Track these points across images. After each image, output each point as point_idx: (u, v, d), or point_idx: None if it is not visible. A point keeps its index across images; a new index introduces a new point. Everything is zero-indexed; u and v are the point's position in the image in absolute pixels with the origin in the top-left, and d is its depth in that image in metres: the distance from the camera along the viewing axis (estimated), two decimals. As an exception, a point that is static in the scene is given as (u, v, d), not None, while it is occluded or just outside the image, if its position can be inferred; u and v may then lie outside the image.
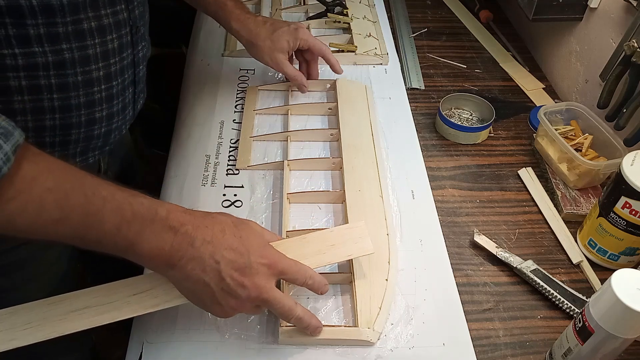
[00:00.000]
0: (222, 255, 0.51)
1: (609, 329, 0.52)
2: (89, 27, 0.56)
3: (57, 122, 0.59)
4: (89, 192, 0.47)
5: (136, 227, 0.48)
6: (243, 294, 0.52)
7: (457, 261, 0.72)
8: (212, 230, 0.52)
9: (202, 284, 0.51)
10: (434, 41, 1.16)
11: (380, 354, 0.59)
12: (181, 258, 0.50)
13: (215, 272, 0.51)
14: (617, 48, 0.86)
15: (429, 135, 0.93)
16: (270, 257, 0.54)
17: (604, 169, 0.79)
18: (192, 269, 0.51)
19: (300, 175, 0.79)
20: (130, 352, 0.59)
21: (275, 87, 0.94)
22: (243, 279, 0.52)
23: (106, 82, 0.61)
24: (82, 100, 0.59)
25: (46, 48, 0.53)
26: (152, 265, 0.51)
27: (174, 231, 0.50)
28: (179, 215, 0.51)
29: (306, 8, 1.14)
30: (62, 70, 0.56)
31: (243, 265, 0.52)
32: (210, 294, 0.52)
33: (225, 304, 0.53)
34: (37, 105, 0.56)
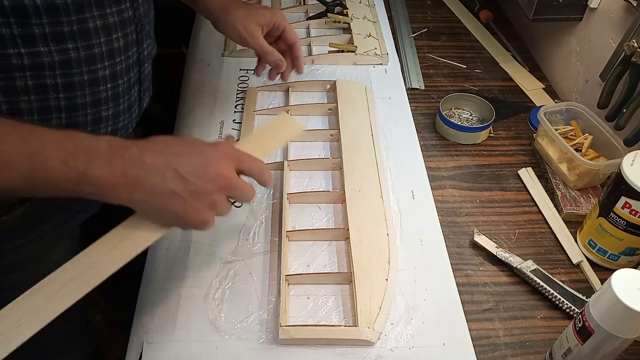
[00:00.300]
0: (177, 161, 0.51)
1: (609, 329, 0.52)
2: (95, 26, 0.56)
3: (64, 121, 0.59)
4: (25, 134, 0.47)
5: (82, 157, 0.48)
6: (213, 187, 0.52)
7: (457, 261, 0.72)
8: (157, 145, 0.52)
9: (170, 194, 0.50)
10: (434, 41, 1.16)
11: (380, 354, 0.59)
12: (138, 177, 0.50)
13: (178, 177, 0.50)
14: (617, 48, 0.87)
15: (429, 135, 0.93)
16: (224, 149, 0.54)
17: (604, 169, 0.79)
18: (154, 184, 0.50)
19: (300, 176, 0.79)
20: (130, 352, 0.59)
21: (275, 87, 0.94)
22: (207, 174, 0.52)
23: (112, 80, 0.61)
24: (89, 100, 0.60)
25: (52, 47, 0.53)
26: (112, 193, 0.50)
27: (121, 155, 0.49)
28: (121, 142, 0.51)
29: (306, 8, 1.14)
30: (68, 69, 0.56)
31: (202, 163, 0.52)
32: (181, 201, 0.51)
33: (200, 205, 0.52)
34: (43, 104, 0.57)
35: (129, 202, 0.51)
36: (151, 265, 0.67)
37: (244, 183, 0.55)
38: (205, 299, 0.63)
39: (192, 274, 0.65)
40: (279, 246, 0.68)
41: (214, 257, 0.67)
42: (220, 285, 0.64)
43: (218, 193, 0.52)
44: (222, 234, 0.70)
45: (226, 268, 0.66)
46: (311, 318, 0.62)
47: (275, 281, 0.65)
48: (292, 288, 0.65)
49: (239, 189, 0.54)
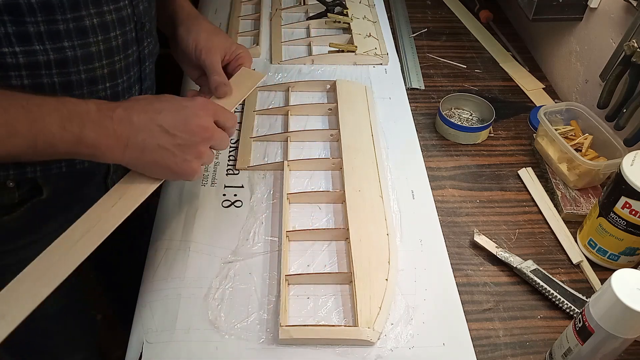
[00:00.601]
0: (161, 118, 0.54)
1: (609, 329, 0.52)
2: (91, 24, 0.55)
3: None
4: (24, 102, 0.49)
5: (76, 121, 0.50)
6: (197, 138, 0.56)
7: (457, 261, 0.72)
8: (140, 105, 0.55)
9: (159, 149, 0.54)
10: (434, 41, 1.16)
11: (380, 354, 0.59)
12: (129, 135, 0.53)
13: (164, 133, 0.54)
14: (617, 48, 0.87)
15: (429, 135, 0.93)
16: (201, 102, 0.58)
17: (604, 169, 0.79)
18: (144, 140, 0.54)
19: (300, 176, 0.79)
20: (130, 352, 0.59)
21: (275, 87, 0.94)
22: (190, 126, 0.55)
23: (111, 79, 0.61)
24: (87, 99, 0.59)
25: (47, 46, 0.53)
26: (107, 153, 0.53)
27: (109, 117, 0.52)
28: (108, 105, 0.53)
29: (306, 8, 1.14)
30: (65, 68, 0.56)
31: (183, 117, 0.55)
32: (170, 155, 0.55)
33: (188, 157, 0.56)
34: None
35: (122, 160, 0.54)
36: (151, 265, 0.67)
37: (221, 132, 0.59)
38: (205, 299, 0.63)
39: (192, 274, 0.65)
40: (279, 246, 0.68)
41: (214, 257, 0.67)
42: (220, 285, 0.64)
43: (202, 144, 0.57)
44: (222, 234, 0.70)
45: (226, 268, 0.66)
46: (311, 318, 0.62)
47: (275, 281, 0.65)
48: (292, 288, 0.65)
49: (218, 139, 0.58)
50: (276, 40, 1.05)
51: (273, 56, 1.01)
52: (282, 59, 1.00)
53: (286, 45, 1.04)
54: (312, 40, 1.04)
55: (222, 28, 1.07)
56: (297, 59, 1.00)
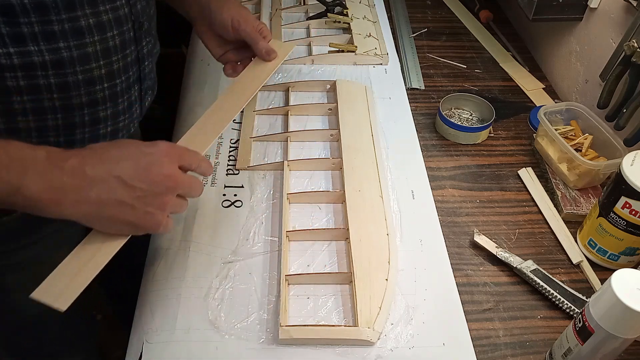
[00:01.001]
0: (118, 168, 0.49)
1: (609, 329, 0.52)
2: (87, 24, 0.55)
3: (60, 122, 0.58)
4: None
5: (16, 169, 0.46)
6: (160, 188, 0.51)
7: (457, 261, 0.72)
8: (96, 154, 0.50)
9: (117, 204, 0.49)
10: (434, 41, 1.16)
11: (380, 354, 0.59)
12: (81, 189, 0.48)
13: (122, 185, 0.49)
14: (617, 48, 0.87)
15: (429, 135, 0.93)
16: (163, 147, 0.53)
17: (604, 169, 0.79)
18: (99, 194, 0.48)
19: (300, 176, 0.79)
20: (130, 352, 0.59)
21: (275, 87, 0.94)
22: (151, 176, 0.50)
23: (109, 80, 0.60)
24: (85, 100, 0.58)
25: (42, 47, 0.52)
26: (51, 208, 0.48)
27: (60, 168, 0.47)
28: (60, 153, 0.49)
29: (306, 8, 1.14)
30: (61, 69, 0.55)
31: (144, 166, 0.50)
32: (130, 209, 0.50)
33: (151, 209, 0.51)
34: (37, 105, 0.56)
35: (73, 216, 0.49)
36: (151, 265, 0.67)
37: (190, 178, 0.55)
38: (205, 299, 0.63)
39: (192, 274, 0.65)
40: (279, 246, 0.68)
41: (214, 257, 0.67)
42: (220, 285, 0.64)
43: (166, 194, 0.51)
44: (222, 234, 0.70)
45: (226, 268, 0.66)
46: (311, 318, 0.62)
47: (275, 281, 0.65)
48: (292, 288, 0.65)
49: (186, 186, 0.54)
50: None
51: (273, 56, 1.01)
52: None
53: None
54: (312, 40, 1.04)
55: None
56: (297, 59, 1.00)
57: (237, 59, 0.77)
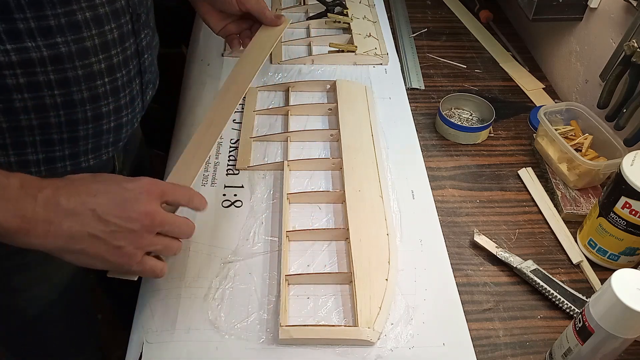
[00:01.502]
0: (94, 201, 0.48)
1: (609, 329, 0.52)
2: (84, 18, 0.54)
3: (62, 118, 0.58)
4: None
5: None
6: (136, 226, 0.49)
7: (457, 261, 0.72)
8: (73, 186, 0.48)
9: (89, 238, 0.47)
10: (434, 41, 1.16)
11: (380, 354, 0.59)
12: (51, 222, 0.46)
13: (96, 219, 0.47)
14: (617, 48, 0.87)
15: (429, 135, 0.93)
16: (144, 183, 0.51)
17: (604, 169, 0.79)
18: (70, 227, 0.47)
19: (300, 176, 0.79)
20: (130, 352, 0.59)
21: (275, 87, 0.94)
22: (128, 213, 0.49)
23: (109, 74, 0.59)
24: (86, 95, 0.58)
25: (39, 42, 0.51)
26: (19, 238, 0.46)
27: (33, 197, 0.46)
28: (34, 182, 0.47)
29: (306, 8, 1.14)
30: (60, 64, 0.54)
31: (121, 201, 0.49)
32: (103, 244, 0.48)
33: (124, 244, 0.49)
34: (38, 102, 0.55)
35: (42, 247, 0.47)
36: (151, 265, 0.67)
37: (175, 217, 0.53)
38: (205, 299, 0.63)
39: (192, 274, 0.65)
40: (279, 246, 0.68)
41: (214, 257, 0.67)
42: (220, 285, 0.64)
43: (145, 232, 0.50)
44: (222, 234, 0.70)
45: (226, 268, 0.66)
46: (311, 318, 0.62)
47: (275, 281, 0.65)
48: (292, 288, 0.65)
49: (168, 224, 0.52)
50: (276, 40, 1.05)
51: (273, 56, 1.01)
52: (282, 59, 1.00)
53: (286, 45, 1.04)
54: (312, 40, 1.04)
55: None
56: (297, 59, 1.00)
57: (237, 30, 0.83)
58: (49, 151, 0.60)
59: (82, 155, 0.63)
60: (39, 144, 0.59)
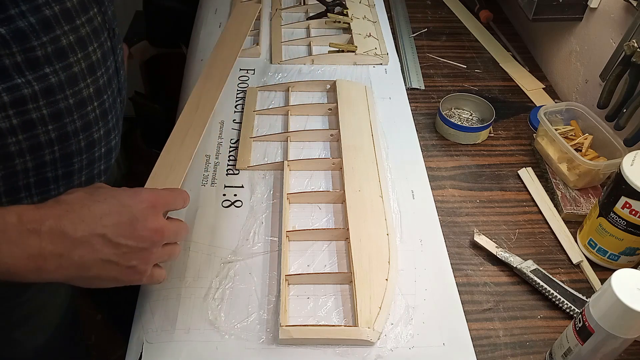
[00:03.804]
0: (102, 226, 0.46)
1: (609, 329, 0.52)
2: (69, 43, 0.52)
3: (57, 154, 0.56)
4: None
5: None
6: (146, 244, 0.49)
7: (457, 261, 0.72)
8: (74, 210, 0.46)
9: (102, 263, 0.47)
10: (434, 41, 1.16)
11: (380, 354, 0.59)
12: (61, 254, 0.44)
13: (107, 244, 0.46)
14: (617, 48, 0.87)
15: (429, 135, 0.93)
16: (147, 197, 0.50)
17: (604, 169, 0.79)
18: (82, 257, 0.45)
19: (300, 176, 0.79)
20: (130, 352, 0.59)
21: (275, 87, 0.94)
22: (138, 232, 0.48)
23: (97, 97, 0.58)
24: (79, 124, 0.56)
25: (29, 77, 0.49)
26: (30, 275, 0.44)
27: (36, 233, 0.43)
28: (33, 214, 0.44)
29: (306, 8, 1.14)
30: (52, 96, 0.52)
31: (129, 220, 0.48)
32: (116, 267, 0.48)
33: (137, 263, 0.49)
34: (33, 142, 0.53)
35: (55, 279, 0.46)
36: (151, 265, 0.67)
37: (175, 225, 0.53)
38: (205, 299, 0.63)
39: (192, 274, 0.65)
40: (279, 246, 0.68)
41: (214, 257, 0.67)
42: (220, 285, 0.64)
43: (152, 247, 0.50)
44: (222, 234, 0.70)
45: (226, 268, 0.66)
46: (311, 318, 0.62)
47: (275, 281, 0.65)
48: (292, 288, 0.65)
49: (173, 235, 0.52)
50: (276, 40, 1.05)
51: (273, 56, 1.01)
52: (282, 59, 1.00)
53: (286, 45, 1.04)
54: (312, 40, 1.04)
55: (222, 28, 1.07)
56: (297, 59, 1.00)
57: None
58: (43, 192, 0.58)
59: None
60: (33, 186, 0.57)
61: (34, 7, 0.48)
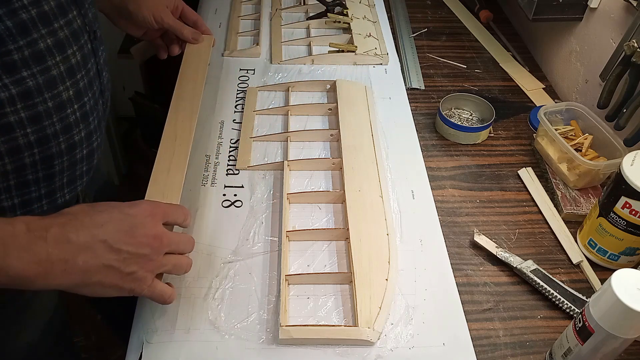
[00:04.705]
0: (103, 232, 0.49)
1: (609, 329, 0.52)
2: (46, 46, 0.51)
3: (37, 157, 0.55)
4: None
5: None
6: (146, 250, 0.51)
7: (457, 261, 0.72)
8: (78, 219, 0.49)
9: (104, 269, 0.49)
10: (434, 41, 1.16)
11: (380, 354, 0.59)
12: (66, 260, 0.47)
13: (109, 250, 0.49)
14: (617, 48, 0.87)
15: (429, 135, 0.93)
16: (146, 207, 0.53)
17: (604, 169, 0.79)
18: (86, 262, 0.47)
19: (300, 176, 0.79)
20: (130, 352, 0.59)
21: (275, 87, 0.94)
22: (137, 238, 0.50)
23: (77, 100, 0.57)
24: (58, 127, 0.56)
25: (5, 80, 0.49)
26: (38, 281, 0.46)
27: (43, 239, 0.46)
28: (39, 223, 0.47)
29: (306, 8, 1.14)
30: (30, 100, 0.51)
31: (128, 228, 0.50)
32: (117, 273, 0.49)
33: (136, 269, 0.50)
34: (12, 145, 0.52)
35: (61, 286, 0.48)
36: (151, 265, 0.67)
37: (178, 235, 0.55)
38: (205, 299, 0.63)
39: (192, 274, 0.65)
40: (279, 246, 0.68)
41: (214, 257, 0.67)
42: (220, 285, 0.64)
43: (154, 255, 0.52)
44: (222, 234, 0.70)
45: (226, 268, 0.66)
46: (311, 318, 0.62)
47: (275, 281, 0.65)
48: (292, 288, 0.65)
49: (174, 243, 0.54)
50: (276, 40, 1.05)
51: (273, 56, 1.01)
52: (282, 59, 1.00)
53: (286, 45, 1.04)
54: (312, 40, 1.04)
55: (222, 28, 1.07)
56: (297, 59, 1.00)
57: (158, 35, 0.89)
58: (24, 194, 0.57)
59: (58, 192, 0.61)
60: (13, 189, 0.56)
61: (10, 10, 0.48)
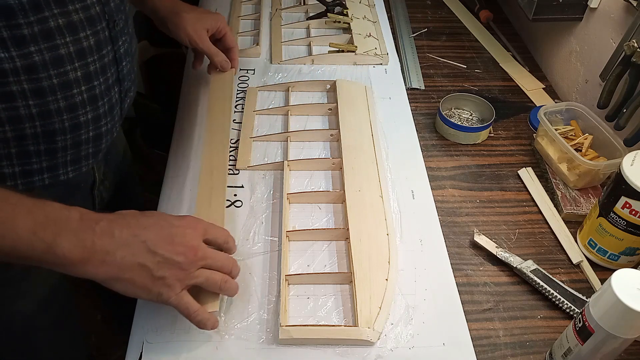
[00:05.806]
0: (145, 234, 0.52)
1: (609, 329, 0.52)
2: (57, 25, 0.52)
3: (39, 129, 0.56)
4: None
5: (52, 229, 0.47)
6: (180, 259, 0.52)
7: (457, 261, 0.72)
8: (125, 219, 0.52)
9: (138, 267, 0.51)
10: (434, 41, 1.16)
11: (380, 354, 0.59)
12: (107, 251, 0.50)
13: (146, 250, 0.51)
14: (617, 48, 0.87)
15: (429, 135, 0.93)
16: (189, 221, 0.56)
17: (604, 169, 0.79)
18: (123, 257, 0.50)
19: (300, 176, 0.79)
20: (130, 352, 0.59)
21: (275, 87, 0.94)
22: (175, 246, 0.53)
23: (86, 82, 0.58)
24: (62, 105, 0.56)
25: (13, 53, 0.50)
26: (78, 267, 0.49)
27: (91, 229, 0.49)
28: (92, 215, 0.51)
29: (306, 8, 1.14)
30: (34, 74, 0.53)
31: (169, 235, 0.53)
32: (149, 274, 0.51)
33: (167, 275, 0.52)
34: (12, 113, 0.54)
35: (96, 276, 0.50)
36: (151, 265, 0.67)
37: (216, 252, 0.57)
38: (205, 299, 0.63)
39: (192, 274, 0.65)
40: (279, 246, 0.68)
41: (214, 257, 0.67)
42: (220, 285, 0.64)
43: (187, 265, 0.53)
44: (222, 234, 0.70)
45: (226, 268, 0.66)
46: (311, 318, 0.62)
47: (275, 281, 0.65)
48: (292, 288, 0.65)
49: (210, 258, 0.55)
50: (276, 40, 1.05)
51: (273, 56, 1.01)
52: (282, 59, 1.00)
53: (286, 45, 1.04)
54: (312, 40, 1.04)
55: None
56: (297, 59, 1.00)
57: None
58: (25, 163, 0.59)
59: (60, 168, 0.62)
60: (14, 157, 0.57)
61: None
